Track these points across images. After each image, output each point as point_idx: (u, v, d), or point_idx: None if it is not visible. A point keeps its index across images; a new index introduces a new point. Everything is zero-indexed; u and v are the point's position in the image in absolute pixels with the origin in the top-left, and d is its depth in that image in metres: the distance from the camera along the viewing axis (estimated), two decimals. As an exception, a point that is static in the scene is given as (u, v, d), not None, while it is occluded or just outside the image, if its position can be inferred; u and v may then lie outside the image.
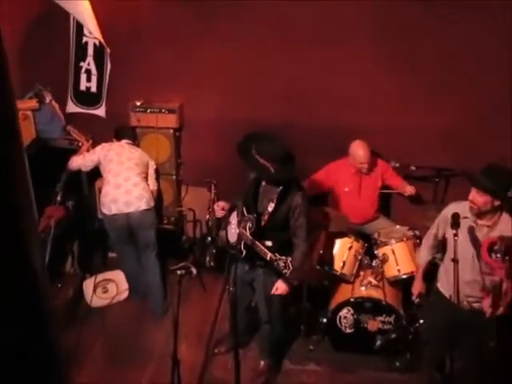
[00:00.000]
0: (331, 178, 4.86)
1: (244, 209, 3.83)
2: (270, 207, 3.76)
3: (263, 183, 3.83)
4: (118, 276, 5.04)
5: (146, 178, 4.77)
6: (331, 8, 4.64)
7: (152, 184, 4.82)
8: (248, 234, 3.72)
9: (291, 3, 4.68)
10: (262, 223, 3.77)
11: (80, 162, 4.74)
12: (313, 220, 4.34)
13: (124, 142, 4.80)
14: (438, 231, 3.71)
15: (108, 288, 4.97)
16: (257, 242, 3.71)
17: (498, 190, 3.27)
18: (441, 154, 4.85)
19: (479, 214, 3.36)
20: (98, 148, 4.74)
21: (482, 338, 3.52)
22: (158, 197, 5.03)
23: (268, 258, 3.66)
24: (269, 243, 3.72)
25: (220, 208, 3.93)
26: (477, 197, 3.29)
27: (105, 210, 4.56)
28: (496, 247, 3.24)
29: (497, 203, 3.30)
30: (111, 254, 5.36)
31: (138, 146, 4.99)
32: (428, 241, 3.84)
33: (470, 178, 3.40)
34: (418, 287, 3.95)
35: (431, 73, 4.78)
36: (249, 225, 3.75)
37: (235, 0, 4.72)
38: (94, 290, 4.88)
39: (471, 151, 4.70)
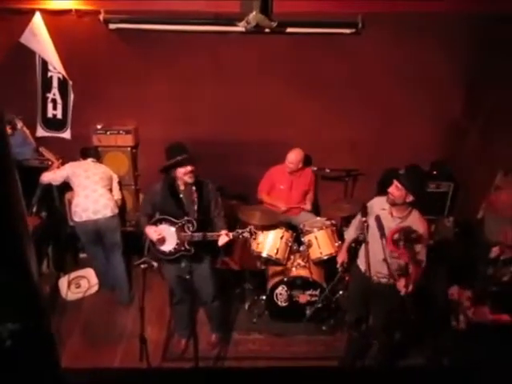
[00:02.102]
0: (272, 179, 5.14)
1: (171, 218, 3.76)
2: (195, 205, 3.75)
3: (181, 188, 3.77)
4: (89, 273, 5.13)
5: (110, 190, 4.87)
6: (258, 45, 4.98)
7: (116, 194, 4.97)
8: (191, 233, 3.71)
9: (223, 43, 4.97)
10: (196, 220, 3.73)
11: (51, 176, 4.80)
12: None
13: (89, 160, 4.89)
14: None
15: (80, 284, 5.05)
16: (208, 233, 3.73)
17: (412, 188, 3.40)
18: (349, 158, 5.25)
19: (393, 205, 3.50)
20: (67, 165, 4.83)
21: (388, 305, 3.66)
22: (122, 204, 5.14)
23: (231, 237, 3.75)
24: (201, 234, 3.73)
25: (158, 234, 3.76)
26: (395, 190, 3.43)
27: (76, 218, 4.63)
28: (396, 237, 3.34)
29: (409, 199, 3.43)
30: (82, 255, 5.43)
31: (101, 163, 5.06)
32: (354, 223, 4.04)
33: (395, 174, 3.53)
34: (341, 257, 4.14)
35: (338, 96, 5.23)
36: (187, 226, 3.73)
37: (176, 41, 4.96)
38: (69, 286, 4.97)
39: (371, 155, 5.20)
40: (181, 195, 3.79)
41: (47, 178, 4.83)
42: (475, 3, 4.51)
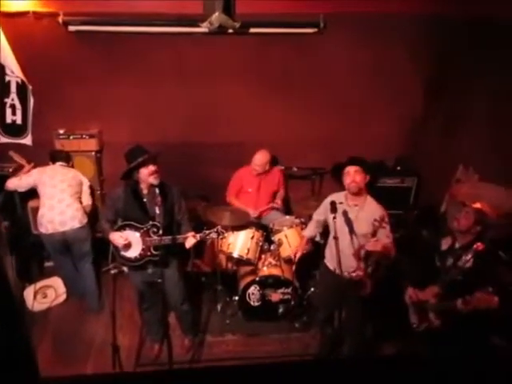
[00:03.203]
0: (239, 182, 5.13)
1: (135, 223, 3.68)
2: (159, 209, 3.64)
3: (144, 192, 3.69)
4: (56, 282, 4.97)
5: (79, 198, 4.67)
6: (222, 47, 4.98)
7: (86, 199, 4.77)
8: (157, 238, 3.64)
9: (187, 44, 4.94)
10: (161, 224, 3.66)
11: (16, 183, 4.61)
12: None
13: (58, 164, 4.71)
14: (321, 216, 3.96)
15: (47, 293, 4.89)
16: (176, 236, 3.66)
17: (367, 166, 3.58)
18: (315, 157, 5.30)
19: (356, 194, 3.57)
20: (35, 171, 4.63)
21: (358, 300, 3.71)
22: (94, 210, 4.93)
23: (199, 238, 3.70)
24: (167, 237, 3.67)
25: (123, 239, 3.67)
26: (356, 176, 3.52)
27: (42, 230, 4.46)
28: (362, 254, 3.52)
29: (367, 179, 3.56)
30: (47, 264, 5.27)
31: (72, 166, 4.89)
32: (313, 221, 4.10)
33: (347, 162, 3.59)
34: (299, 249, 4.19)
35: (303, 96, 5.30)
36: (153, 230, 3.66)
37: (138, 43, 4.89)
38: (35, 297, 4.80)
39: (335, 153, 5.22)
40: (144, 199, 3.71)
41: (12, 184, 4.63)
42: (436, 5, 4.65)
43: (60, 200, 4.51)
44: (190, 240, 3.71)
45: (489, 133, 4.64)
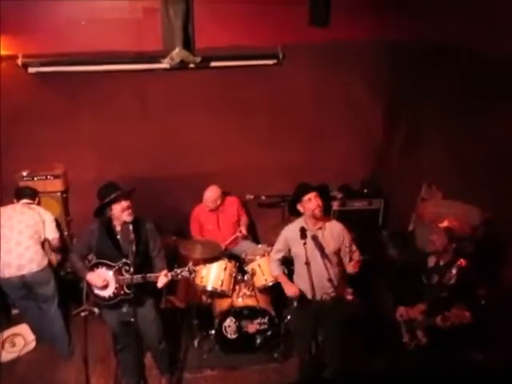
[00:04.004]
0: (197, 220, 5.12)
1: (107, 261, 3.64)
2: (133, 246, 3.54)
3: (118, 229, 3.65)
4: (24, 329, 4.78)
5: (39, 238, 4.41)
6: (183, 81, 5.04)
7: (52, 233, 4.50)
8: (129, 276, 3.57)
9: (148, 79, 5.00)
10: (134, 262, 3.56)
11: None
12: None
13: (23, 201, 4.49)
14: (280, 253, 3.93)
15: (15, 342, 4.70)
16: (148, 275, 3.61)
17: (321, 189, 3.65)
18: (283, 184, 5.21)
19: (314, 219, 3.63)
20: None
21: (338, 317, 3.79)
22: (62, 244, 4.71)
23: (170, 277, 3.63)
24: (148, 274, 3.63)
25: (102, 280, 3.63)
26: (318, 200, 3.58)
27: (1, 274, 4.26)
28: None
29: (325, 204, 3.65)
30: (14, 311, 5.06)
31: (39, 203, 4.65)
32: (274, 261, 4.03)
33: (305, 190, 3.64)
34: (291, 289, 3.85)
35: (267, 125, 5.42)
36: (125, 268, 3.60)
37: (100, 81, 4.91)
38: (2, 346, 4.62)
39: (303, 179, 5.29)
40: (118, 236, 3.67)
41: None
42: (392, 31, 4.86)
43: (17, 243, 4.28)
44: (162, 279, 3.65)
45: (448, 151, 4.78)
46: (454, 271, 3.51)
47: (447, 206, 4.80)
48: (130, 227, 3.59)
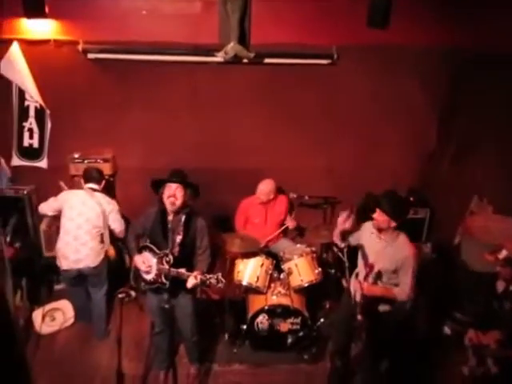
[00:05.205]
0: (245, 212, 5.13)
1: (154, 247, 3.72)
2: (179, 238, 3.66)
3: (170, 218, 3.70)
4: (64, 305, 4.93)
5: (98, 232, 4.40)
6: (237, 75, 5.05)
7: (118, 225, 4.49)
8: (168, 267, 3.61)
9: (200, 73, 5.03)
10: (176, 254, 3.67)
11: (44, 207, 4.50)
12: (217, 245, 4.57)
13: (89, 186, 4.48)
14: (353, 237, 3.87)
15: (55, 316, 4.85)
16: (181, 271, 3.63)
17: (394, 214, 3.50)
18: (326, 186, 5.29)
19: (379, 230, 3.61)
20: (60, 196, 4.47)
21: (374, 332, 3.66)
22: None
23: (199, 281, 3.59)
24: (182, 269, 3.64)
25: (146, 266, 3.75)
26: (378, 216, 3.53)
27: (58, 263, 4.41)
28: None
29: (393, 224, 3.52)
30: (57, 286, 5.25)
31: (105, 186, 4.64)
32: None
33: (376, 201, 3.59)
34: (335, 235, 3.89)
35: (315, 125, 5.33)
36: (166, 259, 3.64)
37: (154, 71, 4.98)
38: (43, 319, 4.75)
39: (348, 183, 5.25)
40: (169, 225, 3.72)
41: (41, 209, 4.56)
42: (449, 36, 4.71)
43: (75, 237, 4.33)
44: (192, 280, 3.63)
45: (502, 163, 4.59)
46: None
47: (497, 220, 4.64)
48: (182, 219, 3.69)
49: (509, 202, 4.56)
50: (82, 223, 4.34)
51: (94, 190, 4.51)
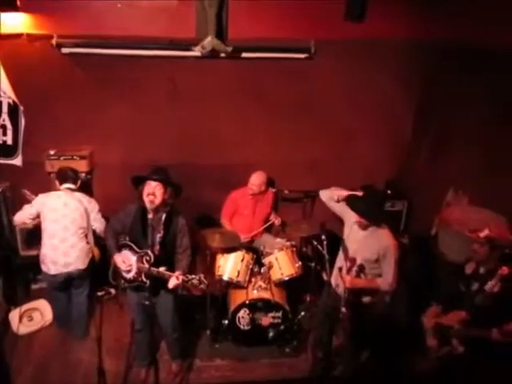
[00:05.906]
0: (235, 203, 5.12)
1: (134, 245, 3.70)
2: (159, 237, 3.63)
3: (150, 216, 3.66)
4: (42, 304, 4.84)
5: (83, 232, 4.34)
6: (213, 71, 4.99)
7: (99, 223, 4.44)
8: (148, 266, 3.58)
9: (179, 68, 4.96)
10: (156, 253, 3.64)
11: (20, 216, 4.30)
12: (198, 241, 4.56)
13: (66, 186, 4.37)
14: (336, 207, 3.93)
15: (33, 316, 4.77)
16: (162, 271, 3.60)
17: (371, 220, 3.61)
18: (307, 180, 5.27)
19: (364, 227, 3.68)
20: (36, 200, 4.31)
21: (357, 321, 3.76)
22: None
23: (180, 281, 3.57)
24: (162, 268, 3.62)
25: (126, 265, 3.73)
26: (357, 218, 3.61)
27: (44, 269, 4.26)
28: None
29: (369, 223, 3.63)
30: (34, 286, 5.17)
31: (80, 185, 4.53)
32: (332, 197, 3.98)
33: (352, 204, 3.66)
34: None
35: (294, 119, 5.34)
36: (146, 258, 3.61)
37: (131, 66, 4.89)
38: (20, 320, 4.67)
39: (328, 176, 5.24)
40: (149, 224, 3.68)
41: (18, 218, 4.34)
42: (426, 30, 4.76)
43: (62, 240, 4.24)
44: (173, 280, 3.60)
45: (478, 156, 4.68)
46: (496, 279, 3.40)
47: (473, 212, 4.72)
48: (163, 217, 3.64)
49: (483, 194, 4.64)
50: (68, 225, 4.25)
51: (72, 189, 4.42)
